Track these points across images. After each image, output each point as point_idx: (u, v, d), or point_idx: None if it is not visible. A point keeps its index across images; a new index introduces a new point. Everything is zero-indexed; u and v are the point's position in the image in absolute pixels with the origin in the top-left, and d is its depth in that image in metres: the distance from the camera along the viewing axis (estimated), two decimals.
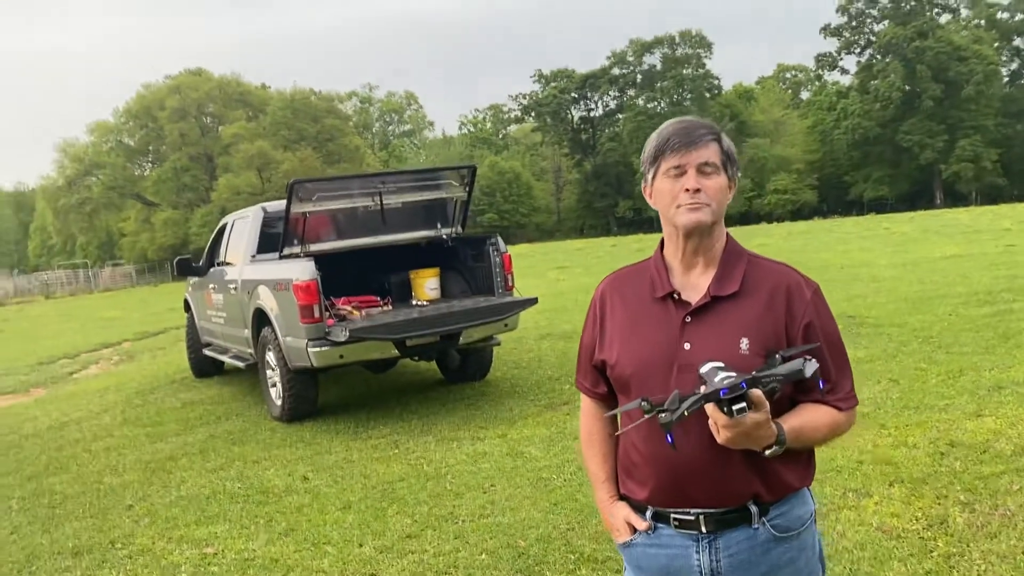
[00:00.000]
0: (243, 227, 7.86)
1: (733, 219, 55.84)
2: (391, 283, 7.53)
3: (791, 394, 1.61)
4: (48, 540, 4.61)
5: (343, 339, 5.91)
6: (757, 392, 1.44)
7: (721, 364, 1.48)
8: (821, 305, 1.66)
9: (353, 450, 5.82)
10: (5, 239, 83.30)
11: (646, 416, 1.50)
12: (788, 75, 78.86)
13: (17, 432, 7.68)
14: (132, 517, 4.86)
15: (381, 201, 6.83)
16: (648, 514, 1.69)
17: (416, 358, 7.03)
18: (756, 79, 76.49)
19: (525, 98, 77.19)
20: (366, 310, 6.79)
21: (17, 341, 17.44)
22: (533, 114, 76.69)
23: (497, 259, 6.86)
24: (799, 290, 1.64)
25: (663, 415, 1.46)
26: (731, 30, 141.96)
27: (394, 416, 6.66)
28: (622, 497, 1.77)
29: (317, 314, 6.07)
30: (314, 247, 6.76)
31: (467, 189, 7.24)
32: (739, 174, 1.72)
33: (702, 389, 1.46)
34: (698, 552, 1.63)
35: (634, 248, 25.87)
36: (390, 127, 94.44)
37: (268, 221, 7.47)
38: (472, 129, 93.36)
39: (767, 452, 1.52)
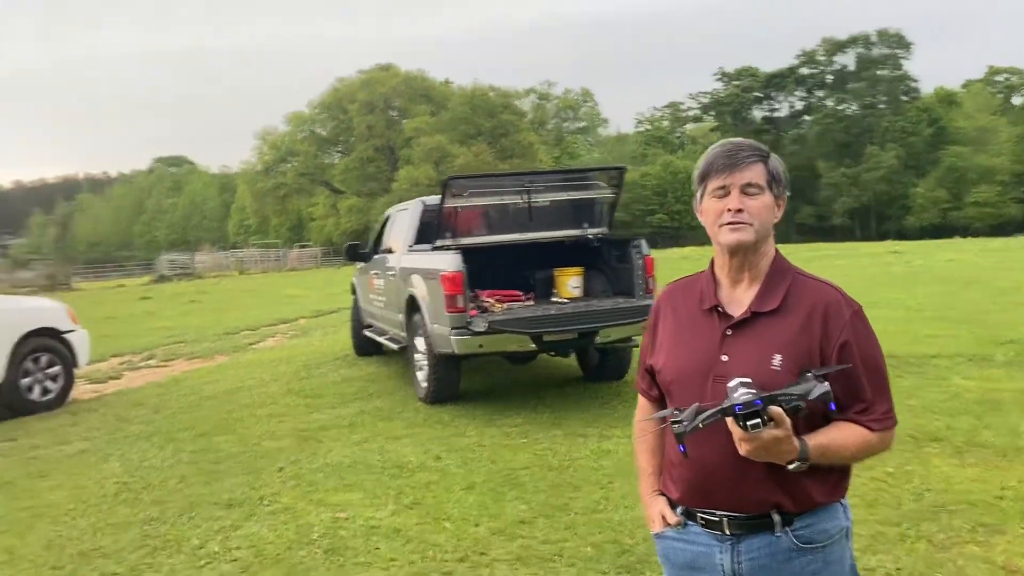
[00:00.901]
0: (404, 218, 8.32)
1: (926, 231, 52.07)
2: (536, 279, 7.73)
3: (824, 411, 1.63)
4: (208, 491, 5.15)
5: (482, 329, 6.17)
6: (777, 409, 1.49)
7: (748, 380, 1.54)
8: (860, 326, 1.69)
9: (485, 435, 6.07)
10: (210, 217, 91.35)
11: (671, 424, 1.57)
12: (1000, 78, 72.27)
13: (198, 393, 8.54)
14: (281, 478, 5.33)
15: (529, 199, 7.04)
16: (679, 510, 1.79)
17: (552, 353, 7.20)
18: (963, 82, 70.87)
19: (705, 96, 75.57)
20: (508, 303, 7.02)
21: (210, 312, 19.20)
22: (713, 113, 74.93)
23: (639, 262, 6.89)
24: (838, 309, 1.68)
25: (676, 425, 1.54)
26: (934, 30, 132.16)
27: (528, 407, 6.87)
28: (663, 492, 1.86)
29: (461, 304, 6.36)
30: (464, 240, 7.07)
31: (615, 190, 7.32)
32: (788, 192, 1.77)
33: (726, 403, 1.52)
34: (721, 552, 1.71)
35: (805, 256, 24.76)
36: (565, 123, 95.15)
37: (426, 214, 7.87)
38: (648, 127, 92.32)
39: (790, 467, 1.58)
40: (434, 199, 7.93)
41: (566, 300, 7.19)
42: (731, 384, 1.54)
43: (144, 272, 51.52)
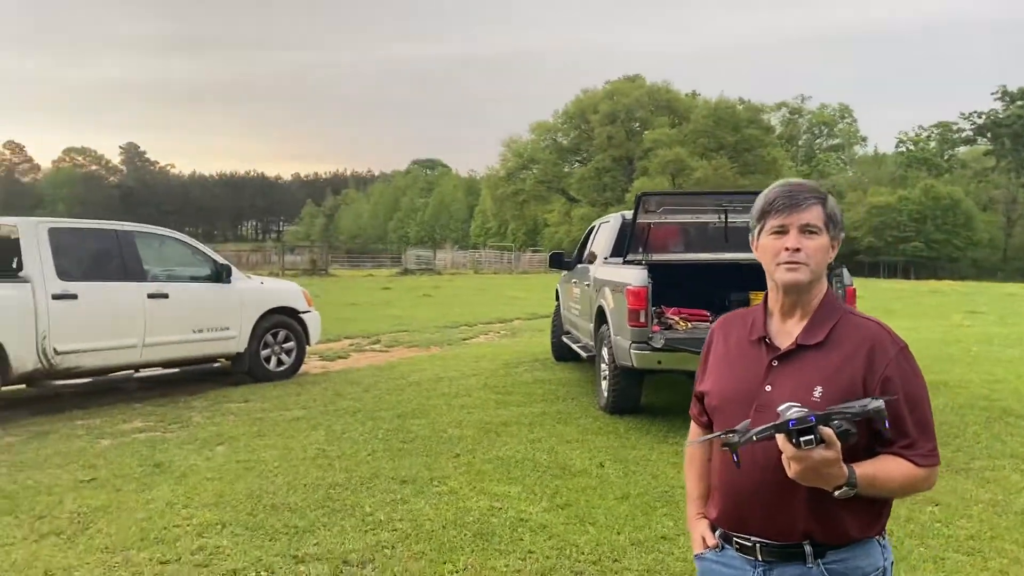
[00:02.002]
0: (605, 230, 8.53)
1: None
2: (731, 301, 7.61)
3: (868, 444, 1.65)
4: (390, 466, 5.67)
5: (659, 346, 6.23)
6: (828, 430, 1.50)
7: (799, 405, 1.57)
8: (905, 363, 1.70)
9: (654, 451, 6.12)
10: (455, 217, 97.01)
11: (723, 447, 1.64)
12: None
13: (406, 379, 9.29)
14: (454, 464, 5.75)
15: (726, 219, 6.96)
16: (717, 533, 1.86)
17: None
18: None
19: (980, 116, 68.52)
20: (693, 323, 7.00)
21: (438, 306, 20.55)
22: (988, 135, 67.76)
23: (840, 291, 6.58)
24: (883, 345, 1.70)
25: (731, 435, 1.58)
26: None
27: None
28: (706, 516, 1.94)
29: (643, 319, 6.45)
30: (656, 256, 7.15)
31: None
32: (843, 234, 1.79)
33: (779, 420, 1.55)
34: None
35: None
36: (817, 140, 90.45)
37: (625, 227, 8.02)
38: (911, 148, 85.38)
39: (837, 493, 1.58)
40: None
41: None
42: (782, 407, 1.57)
43: (392, 264, 55.74)
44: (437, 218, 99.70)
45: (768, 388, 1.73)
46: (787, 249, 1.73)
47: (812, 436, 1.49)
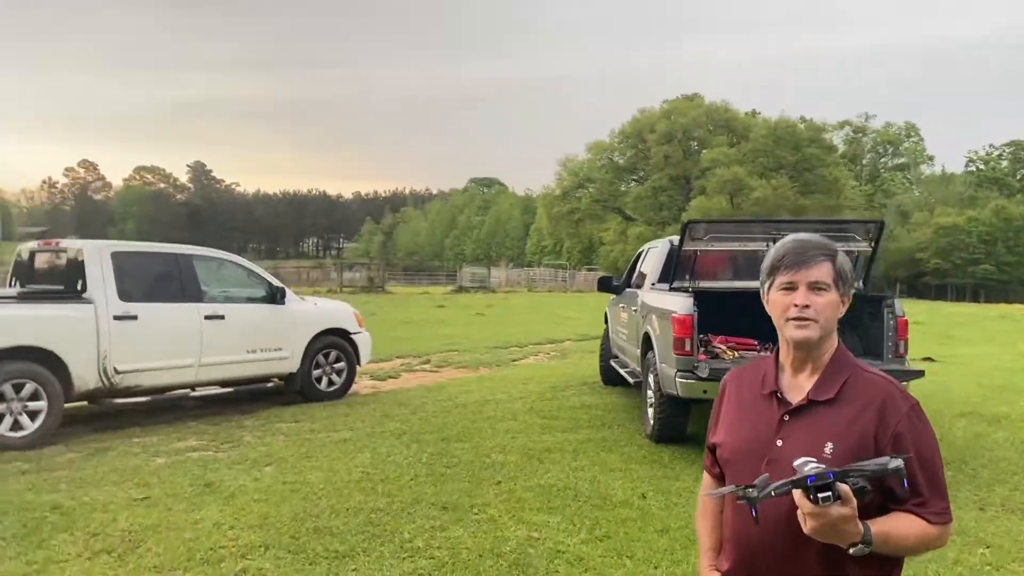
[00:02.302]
0: (653, 255, 8.50)
1: None
2: None
3: (881, 502, 1.65)
4: (431, 491, 5.72)
5: (704, 375, 6.17)
6: (845, 487, 1.51)
7: (815, 460, 1.58)
8: (917, 421, 1.71)
9: (698, 482, 5.97)
10: (511, 236, 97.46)
11: (738, 500, 1.65)
12: None
13: (453, 400, 9.36)
14: (496, 491, 5.77)
15: None
16: None
17: None
18: None
19: None
20: (740, 352, 6.91)
21: (490, 325, 20.65)
22: None
23: (891, 322, 6.45)
24: (894, 402, 1.71)
25: (750, 490, 1.59)
26: None
27: None
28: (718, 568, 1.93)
29: (688, 347, 6.41)
30: (703, 283, 7.09)
31: (872, 244, 6.91)
32: (853, 290, 1.80)
33: (797, 476, 1.56)
34: None
35: None
36: (882, 159, 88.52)
37: (673, 253, 7.98)
38: (981, 167, 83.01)
39: (852, 550, 1.58)
40: None
41: None
42: (797, 463, 1.58)
43: (448, 282, 56.23)
44: (493, 236, 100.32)
45: (779, 443, 1.74)
46: (796, 306, 1.74)
47: (830, 492, 1.50)
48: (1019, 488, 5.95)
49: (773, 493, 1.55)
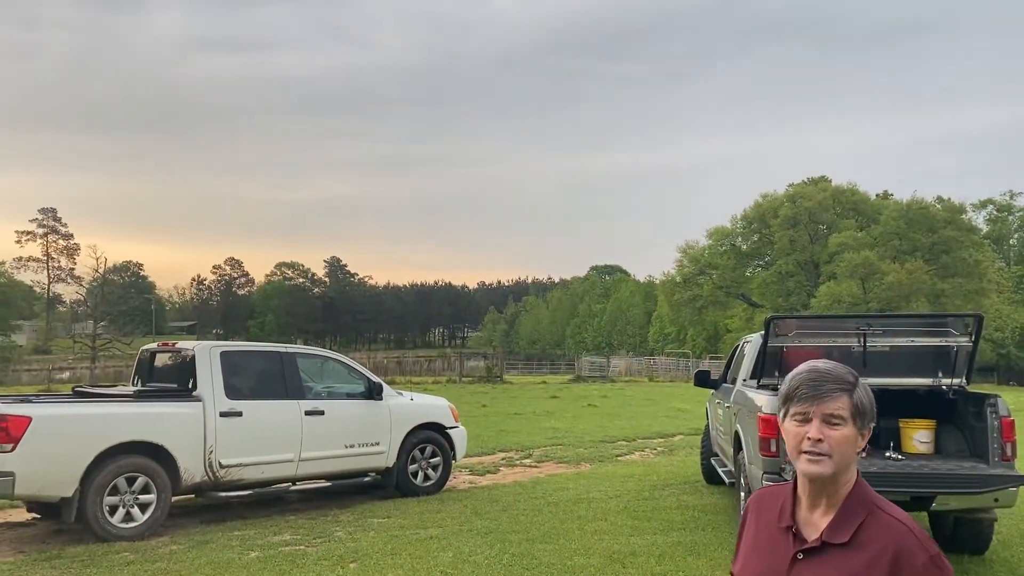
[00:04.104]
0: (748, 350, 8.28)
1: None
2: (880, 428, 7.09)
3: None
4: None
5: (791, 478, 5.88)
6: None
7: None
8: (936, 572, 1.65)
9: None
10: (633, 323, 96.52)
11: None
12: None
13: (546, 499, 9.27)
14: None
15: (865, 343, 6.59)
16: None
17: None
18: None
19: None
20: None
21: (601, 417, 20.37)
22: None
23: (995, 422, 6.00)
24: (910, 556, 1.65)
25: None
26: None
27: None
28: None
29: (774, 448, 6.15)
30: None
31: (972, 338, 6.50)
32: (872, 423, 1.76)
33: None
34: None
35: None
36: None
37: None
38: None
39: None
40: None
41: (902, 456, 6.49)
42: None
43: (568, 371, 56.01)
44: (614, 324, 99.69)
45: None
46: (809, 439, 1.71)
47: None
48: None
49: None
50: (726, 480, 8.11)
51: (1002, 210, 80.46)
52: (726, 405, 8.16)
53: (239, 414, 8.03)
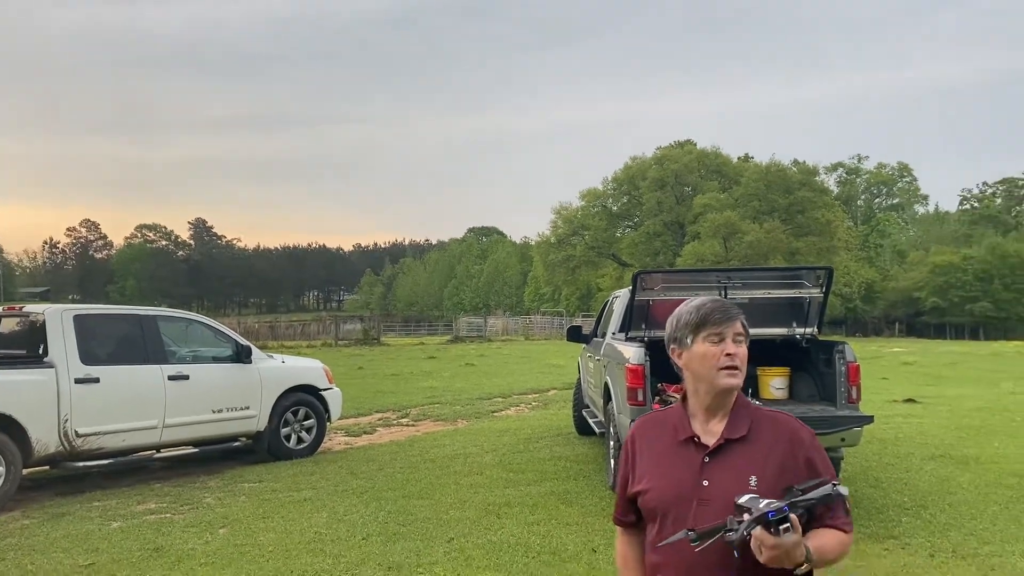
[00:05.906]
0: (618, 305, 8.53)
1: None
2: None
3: (805, 521, 1.80)
4: (381, 551, 5.67)
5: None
6: (794, 517, 1.69)
7: (757, 495, 1.74)
8: (818, 445, 1.96)
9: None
10: (509, 284, 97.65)
11: (692, 544, 1.75)
12: None
13: (423, 456, 9.31)
14: (446, 549, 5.72)
15: (726, 296, 6.91)
16: None
17: None
18: None
19: None
20: None
21: (478, 376, 20.59)
22: None
23: (843, 367, 6.46)
24: (797, 433, 1.96)
25: (730, 534, 1.70)
26: None
27: None
28: None
29: (641, 397, 6.40)
30: (657, 332, 7.12)
31: (823, 289, 6.95)
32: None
33: (745, 516, 1.69)
34: None
35: None
36: (876, 200, 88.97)
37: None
38: (975, 205, 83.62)
39: (798, 571, 1.75)
40: None
41: (759, 402, 6.89)
42: (743, 500, 1.74)
43: (446, 332, 56.18)
44: (491, 285, 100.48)
45: (705, 483, 1.90)
46: (728, 355, 1.93)
47: (788, 524, 1.67)
48: (974, 533, 5.89)
49: (746, 534, 1.68)
50: (596, 431, 8.38)
51: (851, 173, 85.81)
52: (596, 358, 8.40)
53: (96, 380, 7.62)
